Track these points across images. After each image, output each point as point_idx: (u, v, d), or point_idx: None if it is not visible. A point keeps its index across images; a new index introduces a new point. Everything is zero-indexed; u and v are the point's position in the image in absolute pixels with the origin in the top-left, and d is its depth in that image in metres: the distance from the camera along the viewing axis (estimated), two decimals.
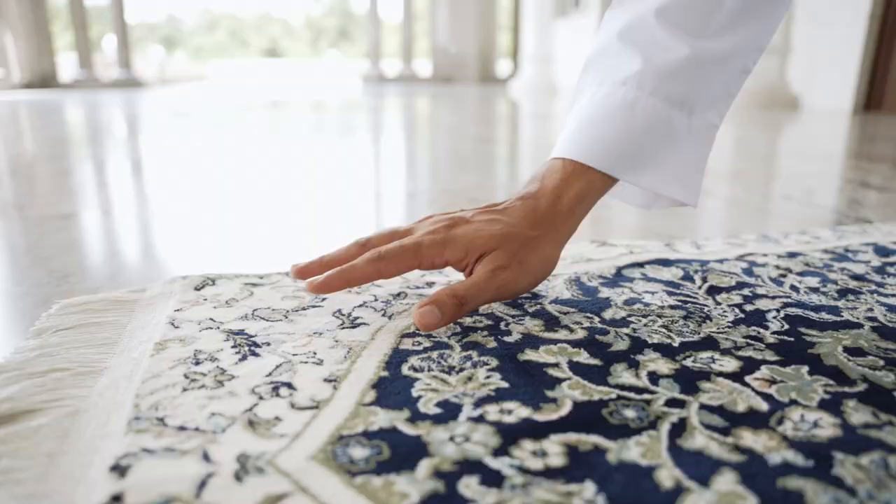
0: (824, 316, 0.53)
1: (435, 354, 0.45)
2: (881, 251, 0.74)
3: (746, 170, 1.51)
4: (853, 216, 0.97)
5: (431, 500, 0.30)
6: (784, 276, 0.64)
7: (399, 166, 1.65)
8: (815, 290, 0.60)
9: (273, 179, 1.34)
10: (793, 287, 0.61)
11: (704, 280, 0.62)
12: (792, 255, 0.72)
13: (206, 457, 0.33)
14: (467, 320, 0.52)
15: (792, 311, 0.54)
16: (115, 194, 1.22)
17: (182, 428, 0.36)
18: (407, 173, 1.51)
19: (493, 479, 0.31)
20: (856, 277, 0.64)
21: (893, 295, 0.59)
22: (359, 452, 0.33)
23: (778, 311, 0.54)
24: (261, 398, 0.39)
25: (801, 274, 0.65)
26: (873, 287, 0.61)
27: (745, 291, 0.59)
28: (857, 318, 0.53)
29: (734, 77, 0.56)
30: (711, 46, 0.53)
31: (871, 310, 0.55)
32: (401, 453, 0.33)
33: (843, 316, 0.53)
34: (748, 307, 0.55)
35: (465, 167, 1.57)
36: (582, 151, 0.53)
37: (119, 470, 0.32)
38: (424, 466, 0.32)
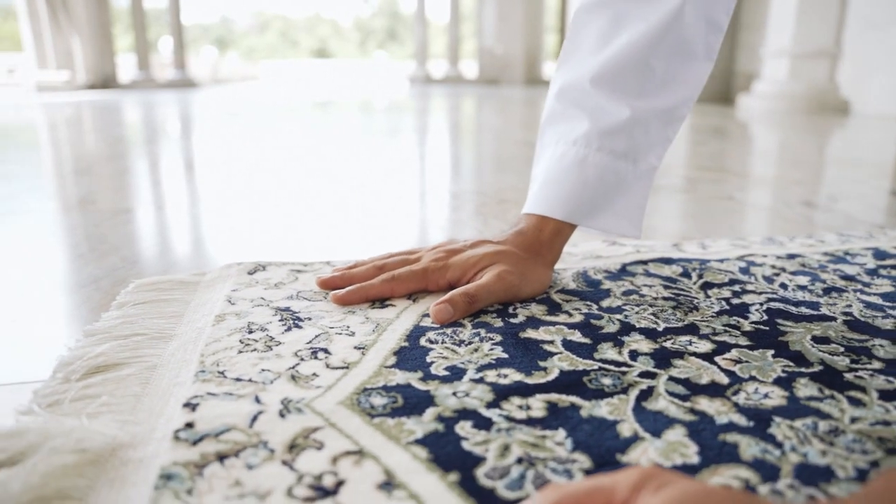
0: (803, 310, 0.59)
1: (449, 331, 0.53)
2: (880, 255, 0.79)
3: (780, 176, 1.55)
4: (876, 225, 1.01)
5: (432, 436, 0.38)
6: (777, 275, 0.70)
7: (439, 167, 1.73)
8: (802, 287, 0.66)
9: (319, 177, 1.43)
10: (782, 285, 0.67)
11: (700, 277, 0.68)
12: (791, 256, 0.77)
13: (257, 399, 0.41)
14: None
15: (774, 305, 0.60)
16: (172, 190, 1.33)
17: (238, 379, 0.44)
18: (442, 174, 1.59)
19: (483, 423, 0.39)
20: (846, 278, 0.69)
21: (876, 294, 0.64)
22: (378, 400, 0.42)
23: (761, 304, 0.61)
24: (302, 359, 0.48)
25: (793, 273, 0.70)
26: (859, 286, 0.67)
27: (736, 287, 0.65)
28: (833, 313, 0.59)
29: (672, 125, 0.66)
30: (650, 104, 0.63)
31: (849, 306, 0.61)
32: (411, 403, 0.41)
33: (820, 310, 0.59)
34: (735, 301, 0.61)
35: (505, 169, 1.65)
36: (547, 207, 0.65)
37: (190, 406, 0.41)
38: (430, 413, 0.40)
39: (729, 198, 1.22)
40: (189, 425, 0.39)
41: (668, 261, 0.74)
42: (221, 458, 0.36)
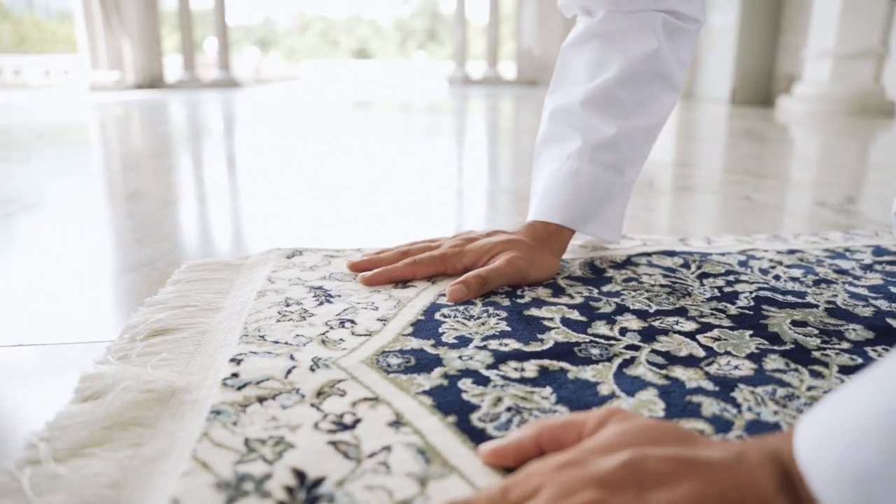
0: (789, 298, 0.65)
1: (461, 307, 0.60)
2: (879, 252, 0.83)
3: (803, 178, 1.57)
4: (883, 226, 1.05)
5: (437, 389, 0.45)
6: (773, 267, 0.75)
7: (476, 166, 1.80)
8: (795, 279, 0.71)
9: (356, 174, 1.51)
10: (775, 276, 0.72)
11: (699, 267, 0.74)
12: (792, 252, 0.82)
13: (291, 357, 0.49)
14: None
15: (763, 293, 0.66)
16: (217, 184, 1.43)
17: (276, 342, 0.52)
18: (479, 173, 1.66)
19: (482, 381, 0.46)
20: (839, 271, 0.74)
21: (864, 286, 0.69)
22: (393, 360, 0.49)
23: (751, 293, 0.66)
24: (331, 328, 0.55)
25: (789, 266, 0.75)
26: (850, 279, 0.71)
27: (730, 277, 0.71)
28: (817, 301, 0.64)
29: (649, 143, 0.77)
30: (633, 124, 0.72)
31: (835, 296, 0.66)
32: (422, 363, 0.48)
33: (805, 299, 0.64)
34: (727, 289, 0.67)
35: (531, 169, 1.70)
36: (546, 214, 0.73)
37: (235, 361, 0.48)
38: (437, 371, 0.47)
39: (746, 198, 1.26)
40: (234, 375, 0.46)
41: (671, 253, 0.79)
42: (261, 400, 0.43)
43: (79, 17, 7.29)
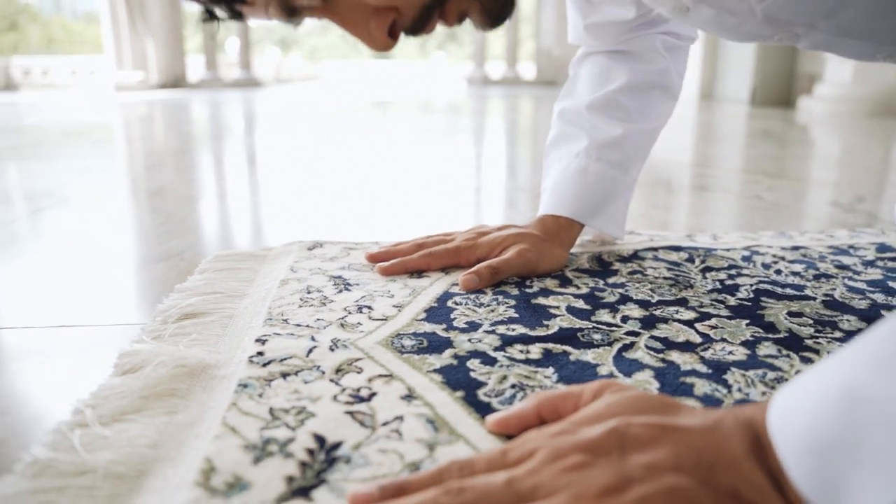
0: (788, 291, 0.67)
1: (472, 296, 0.63)
2: (883, 249, 0.85)
3: (817, 178, 1.59)
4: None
5: (447, 367, 0.48)
6: (776, 262, 0.77)
7: (494, 166, 1.83)
8: (796, 273, 0.73)
9: (376, 172, 1.55)
10: (777, 271, 0.74)
11: (703, 262, 0.77)
12: (796, 248, 0.84)
13: (312, 338, 0.53)
14: None
15: (763, 286, 0.68)
16: (239, 181, 1.47)
17: (298, 325, 0.56)
18: (497, 172, 1.69)
19: (489, 361, 0.49)
20: (841, 267, 0.76)
21: (864, 280, 0.71)
22: (407, 342, 0.52)
23: (751, 285, 0.68)
24: (349, 313, 0.59)
25: (791, 262, 0.78)
26: (850, 274, 0.74)
27: (732, 271, 0.73)
28: (815, 294, 0.66)
29: (650, 144, 0.82)
30: (636, 126, 0.77)
31: (833, 289, 0.68)
32: (434, 345, 0.52)
33: (804, 292, 0.67)
34: (728, 282, 0.70)
35: None
36: (556, 207, 0.76)
37: (261, 341, 0.52)
38: (448, 352, 0.50)
39: (756, 197, 1.28)
40: (260, 353, 0.50)
41: (677, 248, 0.82)
42: (284, 375, 0.47)
43: (105, 19, 7.43)
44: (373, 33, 0.46)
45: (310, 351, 0.51)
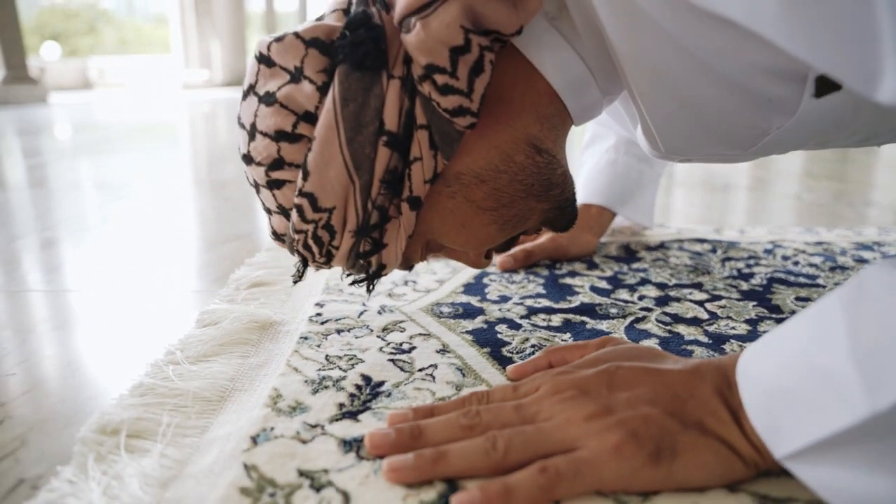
0: (801, 280, 0.72)
1: (506, 275, 0.71)
2: None
3: (861, 179, 1.60)
4: None
5: (478, 330, 0.55)
6: (795, 255, 0.82)
7: None
8: (813, 265, 0.78)
9: None
10: (795, 262, 0.79)
11: (725, 252, 0.82)
12: (819, 243, 0.88)
13: (363, 304, 0.61)
14: None
15: (778, 275, 0.73)
16: None
17: (352, 293, 0.64)
18: None
19: (515, 326, 0.56)
20: (860, 260, 0.80)
21: None
22: (445, 309, 0.60)
23: (766, 274, 0.74)
24: (396, 285, 0.67)
25: (811, 255, 0.82)
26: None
27: (751, 261, 0.78)
28: (826, 283, 0.71)
29: None
30: None
31: (846, 279, 0.73)
32: (468, 312, 0.59)
33: (816, 281, 0.72)
34: (745, 270, 0.75)
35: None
36: (588, 196, 0.83)
37: (319, 304, 0.60)
38: (479, 318, 0.58)
39: (797, 197, 1.31)
40: (318, 314, 0.58)
41: (702, 240, 0.87)
42: (339, 331, 0.55)
43: (174, 21, 7.76)
44: (473, 260, 0.53)
45: (361, 313, 0.59)
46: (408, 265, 0.52)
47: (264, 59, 0.46)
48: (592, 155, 0.85)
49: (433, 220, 0.47)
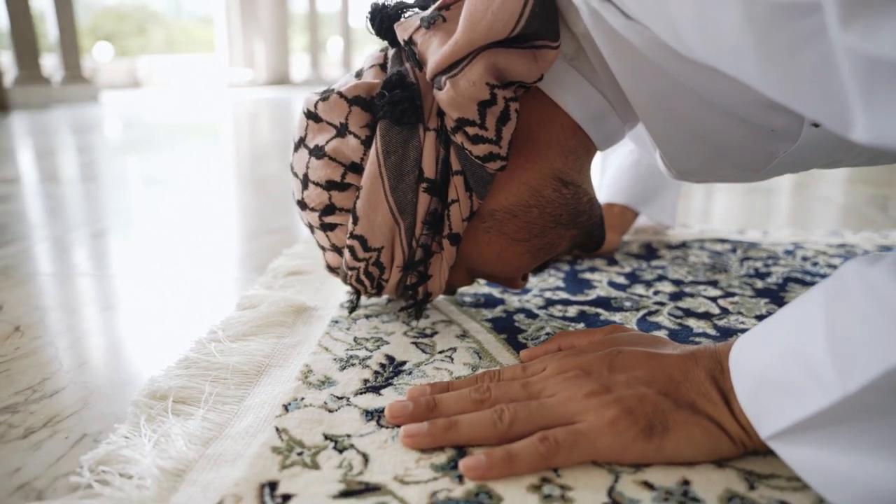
0: (816, 279, 0.74)
1: None
2: None
3: (890, 181, 1.58)
4: None
5: (497, 318, 0.59)
6: (815, 256, 0.83)
7: None
8: (832, 266, 0.79)
9: None
10: (813, 263, 0.80)
11: (745, 252, 0.84)
12: (842, 245, 0.90)
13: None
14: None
15: (794, 274, 0.75)
16: None
17: None
18: None
19: (532, 316, 0.60)
20: None
21: None
22: (468, 298, 0.64)
23: (782, 274, 0.76)
24: None
25: (832, 256, 0.84)
26: None
27: (770, 261, 0.80)
28: None
29: None
30: None
31: None
32: (489, 302, 0.63)
33: None
34: (763, 269, 0.77)
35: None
36: (612, 197, 0.86)
37: (350, 292, 0.65)
38: (499, 308, 0.62)
39: (827, 199, 1.31)
40: (349, 301, 0.63)
41: (723, 240, 0.89)
42: (367, 317, 0.59)
43: (219, 21, 7.95)
44: (511, 283, 0.58)
45: (389, 301, 0.63)
46: (451, 291, 0.59)
47: (312, 116, 0.51)
48: (617, 156, 0.88)
49: (472, 252, 0.53)
